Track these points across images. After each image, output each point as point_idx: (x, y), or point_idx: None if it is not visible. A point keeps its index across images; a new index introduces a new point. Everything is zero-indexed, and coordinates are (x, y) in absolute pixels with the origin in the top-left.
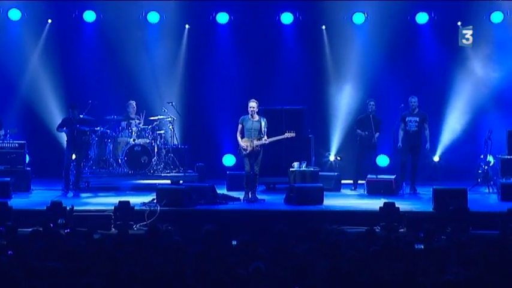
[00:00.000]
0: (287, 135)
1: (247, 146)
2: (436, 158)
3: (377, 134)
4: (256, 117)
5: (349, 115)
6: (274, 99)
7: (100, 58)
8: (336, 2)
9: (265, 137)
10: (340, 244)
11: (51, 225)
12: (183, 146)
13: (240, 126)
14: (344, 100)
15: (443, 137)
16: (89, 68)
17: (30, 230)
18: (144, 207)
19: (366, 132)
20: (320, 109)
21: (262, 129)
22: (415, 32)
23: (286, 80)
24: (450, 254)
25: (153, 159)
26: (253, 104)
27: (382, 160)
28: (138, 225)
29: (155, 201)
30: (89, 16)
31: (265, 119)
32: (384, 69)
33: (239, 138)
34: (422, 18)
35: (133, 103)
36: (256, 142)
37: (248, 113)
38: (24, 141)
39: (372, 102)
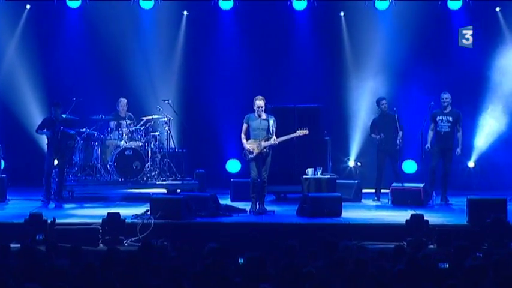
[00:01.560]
0: (299, 133)
1: (253, 149)
2: (470, 164)
3: (400, 134)
4: (264, 115)
5: (370, 114)
6: (285, 96)
7: (86, 49)
8: None
9: (274, 138)
10: (360, 263)
11: (29, 240)
12: (180, 150)
13: (244, 125)
14: (365, 97)
15: (478, 140)
16: (73, 60)
17: (5, 246)
18: (136, 220)
19: (382, 135)
20: (338, 107)
21: (271, 128)
22: (447, 18)
23: (299, 74)
24: (487, 275)
25: (146, 165)
26: (261, 103)
27: (409, 166)
28: (129, 241)
29: (149, 213)
30: (73, 1)
31: (273, 117)
32: (411, 61)
33: (244, 140)
34: (455, 3)
35: (124, 101)
36: (264, 143)
37: (254, 112)
38: None
39: (383, 101)
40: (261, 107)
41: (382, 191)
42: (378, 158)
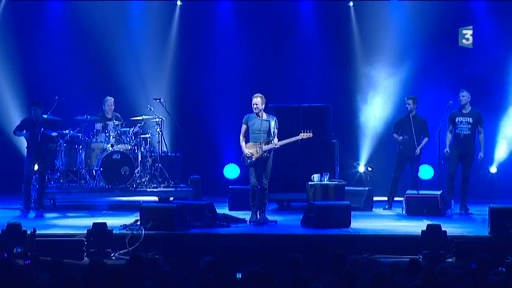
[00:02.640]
0: (302, 135)
1: (252, 153)
2: (493, 169)
3: (425, 140)
4: (265, 115)
5: (383, 115)
6: (288, 95)
7: (69, 44)
8: None
9: (276, 140)
10: (371, 278)
11: (7, 253)
12: (173, 154)
13: (243, 126)
14: (377, 95)
15: (501, 143)
16: (54, 56)
17: None
18: (124, 231)
19: (406, 136)
20: (346, 107)
21: (272, 130)
22: (468, 10)
23: (304, 71)
24: None
25: (136, 171)
26: (257, 100)
27: (425, 171)
28: (117, 254)
29: (139, 223)
30: None
31: (275, 118)
32: (428, 57)
33: (242, 143)
34: None
35: (111, 100)
36: (264, 147)
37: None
38: None
39: (409, 101)
40: (257, 105)
41: (396, 198)
42: (397, 162)
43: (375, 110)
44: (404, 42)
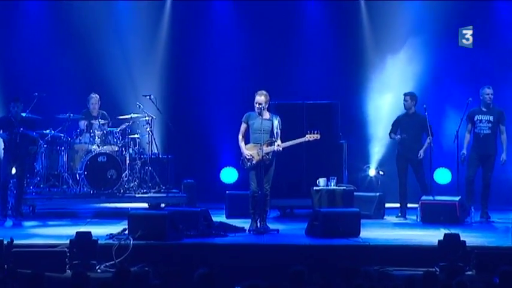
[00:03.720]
0: (308, 137)
1: (253, 155)
2: None
3: (429, 140)
4: (267, 114)
5: (395, 113)
6: (291, 92)
7: (50, 36)
8: None
9: (279, 142)
10: None
11: None
12: (165, 156)
13: (243, 125)
14: (389, 93)
15: None
16: (34, 49)
17: None
18: (111, 241)
19: (404, 135)
20: (355, 104)
21: (275, 130)
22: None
23: (309, 65)
24: None
25: (123, 174)
26: (260, 99)
27: (442, 175)
28: (102, 266)
29: (126, 232)
30: None
31: (278, 118)
32: (445, 51)
33: (241, 144)
34: None
35: (96, 97)
36: (266, 149)
37: (255, 110)
38: None
39: (406, 97)
40: (261, 105)
41: (410, 205)
42: (397, 165)
43: (387, 107)
44: (420, 34)
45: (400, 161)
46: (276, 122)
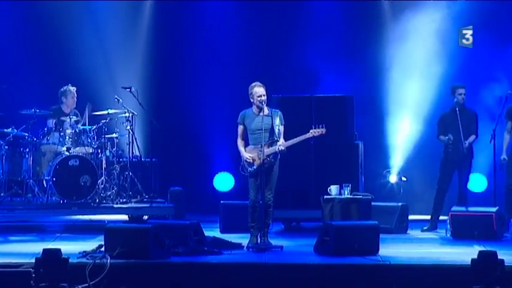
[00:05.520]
0: (313, 132)
1: (253, 159)
2: None
3: (471, 138)
4: (266, 110)
5: (419, 109)
6: (296, 86)
7: (16, 21)
8: None
9: (281, 141)
10: None
11: None
12: (148, 159)
13: (240, 127)
14: (412, 85)
15: None
16: None
17: None
18: (85, 260)
19: (451, 137)
20: (373, 99)
21: (276, 128)
22: None
23: (318, 54)
24: None
25: (99, 181)
26: (261, 90)
27: (476, 182)
28: None
29: (103, 249)
30: None
31: (279, 113)
32: (480, 40)
33: (241, 147)
34: None
35: (74, 90)
36: (266, 150)
37: (252, 106)
38: None
39: (460, 90)
40: (264, 96)
41: (439, 218)
42: (443, 169)
43: (410, 102)
44: (451, 16)
45: (446, 166)
46: (277, 119)
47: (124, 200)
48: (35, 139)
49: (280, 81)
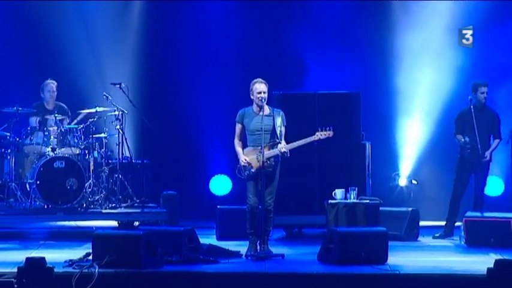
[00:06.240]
0: (319, 135)
1: (251, 162)
2: None
3: (496, 142)
4: (267, 109)
5: (432, 106)
6: (299, 83)
7: None
8: None
9: (283, 144)
10: None
11: None
12: (140, 161)
13: (238, 126)
14: (424, 80)
15: None
16: None
17: None
18: (71, 269)
19: (467, 139)
20: (382, 96)
21: (278, 129)
22: None
23: (322, 48)
24: None
25: (86, 184)
26: (263, 87)
27: (493, 186)
28: None
29: (90, 257)
30: None
31: (281, 113)
32: (502, 34)
33: (238, 149)
34: None
35: (54, 84)
36: (267, 153)
37: (253, 104)
38: None
39: (483, 88)
40: (264, 94)
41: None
42: (460, 172)
43: (421, 98)
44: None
45: (462, 168)
46: (278, 119)
47: (113, 204)
48: (17, 139)
49: (280, 78)
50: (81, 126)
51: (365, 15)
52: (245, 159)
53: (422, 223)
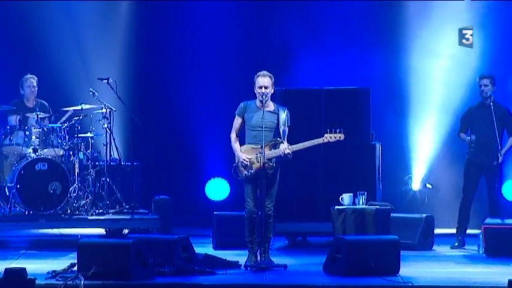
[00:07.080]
0: (328, 137)
1: (250, 161)
2: None
3: (510, 140)
4: (271, 105)
5: (449, 103)
6: (304, 78)
7: None
8: None
9: (286, 144)
10: None
11: None
12: (129, 163)
13: (237, 120)
14: (439, 75)
15: None
16: None
17: None
18: (54, 281)
19: (473, 138)
20: (394, 92)
21: (281, 128)
22: None
23: (328, 42)
24: None
25: (71, 188)
26: (266, 81)
27: (511, 189)
28: None
29: (75, 268)
30: None
31: (286, 111)
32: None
33: (236, 144)
34: None
35: (34, 79)
36: (268, 153)
37: (256, 98)
38: None
39: (485, 81)
40: (266, 89)
41: (469, 231)
42: (466, 175)
43: (436, 95)
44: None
45: (470, 170)
46: (283, 116)
47: (100, 210)
48: None
49: (284, 73)
50: (66, 125)
51: (374, 6)
52: (246, 157)
53: (437, 231)
